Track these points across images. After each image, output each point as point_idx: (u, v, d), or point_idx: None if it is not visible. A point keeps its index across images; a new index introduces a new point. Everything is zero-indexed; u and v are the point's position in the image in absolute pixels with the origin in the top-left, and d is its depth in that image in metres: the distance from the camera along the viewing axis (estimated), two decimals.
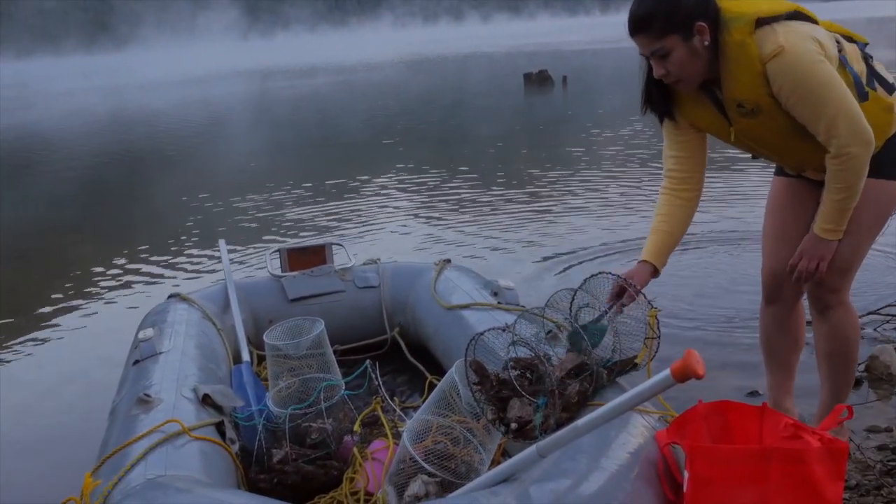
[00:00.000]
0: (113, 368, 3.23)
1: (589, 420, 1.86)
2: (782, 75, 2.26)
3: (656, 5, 2.30)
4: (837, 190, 2.34)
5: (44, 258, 6.98)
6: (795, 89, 2.26)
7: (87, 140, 16.76)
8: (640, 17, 2.32)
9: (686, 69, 2.34)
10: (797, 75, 2.25)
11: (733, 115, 2.42)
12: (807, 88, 2.26)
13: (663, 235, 2.62)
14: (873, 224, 2.49)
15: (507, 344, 2.32)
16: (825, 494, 1.88)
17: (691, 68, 2.34)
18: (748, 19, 2.28)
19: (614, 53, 31.27)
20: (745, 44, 2.28)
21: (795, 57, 2.25)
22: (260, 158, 12.38)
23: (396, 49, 57.95)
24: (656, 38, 2.30)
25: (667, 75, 2.36)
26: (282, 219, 7.49)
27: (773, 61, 2.25)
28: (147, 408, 2.43)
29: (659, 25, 2.29)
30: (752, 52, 2.28)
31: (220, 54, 70.65)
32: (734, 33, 2.29)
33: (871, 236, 2.53)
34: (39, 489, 2.98)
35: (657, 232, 2.63)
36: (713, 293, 4.50)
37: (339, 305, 3.77)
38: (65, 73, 54.82)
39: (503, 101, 18.78)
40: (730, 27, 2.30)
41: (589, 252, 5.54)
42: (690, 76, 2.36)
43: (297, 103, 22.83)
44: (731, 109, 2.41)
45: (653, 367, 2.34)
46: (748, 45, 2.28)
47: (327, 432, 2.63)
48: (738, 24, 2.29)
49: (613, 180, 8.14)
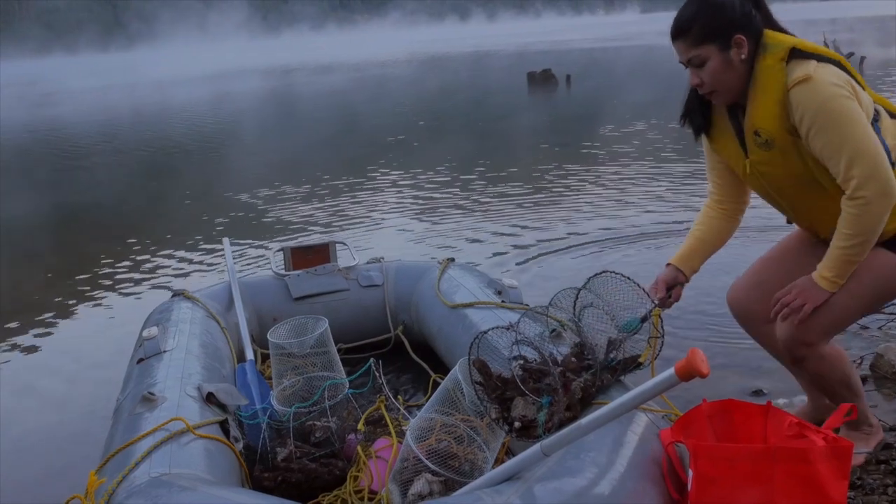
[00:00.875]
0: (117, 367, 3.24)
1: (593, 419, 1.86)
2: (805, 101, 2.20)
3: (699, 11, 2.32)
4: (846, 237, 2.24)
5: (48, 256, 6.99)
6: (816, 116, 2.19)
7: (99, 138, 16.80)
8: (682, 21, 2.34)
9: (720, 80, 2.34)
10: (820, 102, 2.19)
11: (750, 144, 2.39)
12: (829, 117, 2.19)
13: (694, 242, 2.64)
14: (872, 295, 2.38)
15: (510, 343, 2.32)
16: (830, 493, 1.87)
17: (726, 80, 2.33)
18: (785, 47, 2.28)
19: (619, 52, 31.25)
20: (774, 69, 2.27)
21: (821, 86, 2.20)
22: (265, 157, 12.40)
23: (402, 47, 57.99)
24: (693, 45, 2.33)
25: (701, 85, 2.37)
26: (286, 217, 7.49)
27: (798, 87, 2.22)
28: (151, 406, 2.43)
29: (698, 31, 2.31)
30: (778, 76, 2.25)
31: (229, 52, 70.76)
32: (768, 58, 2.29)
33: (866, 305, 2.42)
34: (44, 487, 2.99)
35: (689, 238, 2.67)
36: (718, 292, 4.46)
37: (343, 304, 3.78)
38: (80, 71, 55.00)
39: (507, 101, 18.77)
40: (766, 51, 2.29)
41: (593, 251, 5.53)
42: (724, 88, 2.35)
43: (306, 101, 22.85)
44: (749, 137, 2.38)
45: (657, 365, 2.33)
46: (777, 70, 2.26)
47: (331, 431, 2.64)
48: (775, 49, 2.29)
49: (618, 180, 8.13)
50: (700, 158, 9.10)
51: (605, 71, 25.88)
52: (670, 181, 7.76)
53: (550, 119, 14.78)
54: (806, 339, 2.38)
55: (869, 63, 18.62)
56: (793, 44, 2.27)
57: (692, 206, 6.59)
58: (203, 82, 34.44)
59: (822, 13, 61.11)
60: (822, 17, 46.90)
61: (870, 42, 25.10)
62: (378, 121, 16.47)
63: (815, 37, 22.97)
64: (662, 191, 7.35)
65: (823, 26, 30.09)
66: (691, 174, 7.97)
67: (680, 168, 8.33)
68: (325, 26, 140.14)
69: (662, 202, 6.87)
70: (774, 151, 2.33)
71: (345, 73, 34.74)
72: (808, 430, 1.99)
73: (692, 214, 6.25)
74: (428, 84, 26.38)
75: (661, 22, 48.47)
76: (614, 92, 18.49)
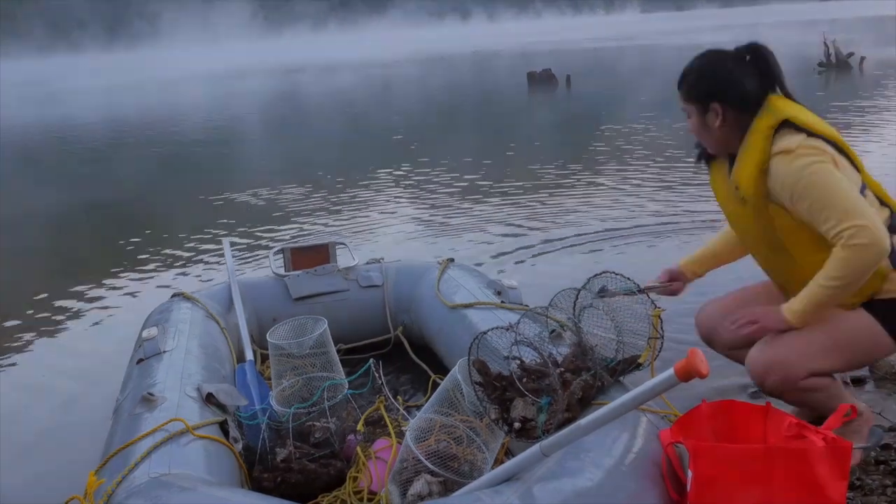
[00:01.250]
0: (117, 367, 3.23)
1: (592, 419, 1.86)
2: (783, 173, 2.29)
3: (690, 71, 2.50)
4: (830, 277, 2.26)
5: (47, 256, 6.99)
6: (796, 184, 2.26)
7: (99, 137, 16.80)
8: (682, 73, 2.53)
9: (699, 135, 2.53)
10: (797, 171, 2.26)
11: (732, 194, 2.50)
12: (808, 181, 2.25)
13: (706, 251, 2.84)
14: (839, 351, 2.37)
15: (510, 343, 2.32)
16: (829, 494, 1.87)
17: (703, 137, 2.53)
18: (778, 117, 2.35)
19: (619, 52, 31.25)
20: (763, 135, 2.35)
21: (799, 158, 2.26)
22: (264, 158, 12.39)
23: (400, 48, 57.98)
24: (682, 99, 2.53)
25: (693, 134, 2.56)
26: (285, 218, 7.49)
27: (778, 157, 2.30)
28: (151, 406, 2.44)
29: (686, 89, 2.50)
30: (763, 144, 2.34)
31: (229, 52, 70.77)
32: (760, 122, 2.38)
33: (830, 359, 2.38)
34: (43, 488, 2.98)
35: (705, 246, 2.86)
36: (719, 292, 4.48)
37: (343, 304, 3.78)
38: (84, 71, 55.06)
39: (507, 101, 18.77)
40: (762, 115, 2.38)
41: (593, 251, 5.53)
42: (711, 144, 2.53)
43: (305, 101, 22.85)
44: (731, 191, 2.49)
45: (656, 366, 2.33)
46: (764, 137, 2.35)
47: (331, 431, 2.64)
48: (769, 116, 2.37)
49: (618, 180, 8.13)
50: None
51: (604, 71, 25.89)
52: (670, 181, 7.76)
53: (550, 119, 14.78)
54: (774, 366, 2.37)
55: (868, 63, 18.63)
56: (787, 115, 2.34)
57: (692, 205, 6.60)
58: (202, 83, 34.43)
59: (823, 13, 61.14)
60: (823, 18, 46.91)
61: (869, 42, 25.11)
62: (377, 121, 16.47)
63: (815, 36, 23.04)
64: (662, 190, 7.35)
65: (823, 26, 30.11)
66: (691, 174, 7.97)
67: (680, 168, 8.33)
68: (326, 26, 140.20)
69: (662, 202, 6.87)
70: (748, 209, 2.43)
71: (345, 72, 34.73)
72: (807, 431, 1.99)
73: (692, 214, 6.28)
74: (427, 84, 26.38)
75: (661, 22, 48.31)
76: (614, 92, 18.50)
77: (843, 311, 2.39)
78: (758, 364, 2.40)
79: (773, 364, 2.37)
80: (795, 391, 2.39)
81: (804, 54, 21.31)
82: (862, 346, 2.42)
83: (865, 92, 14.33)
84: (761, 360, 2.39)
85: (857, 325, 2.39)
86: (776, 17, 66.10)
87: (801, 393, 2.40)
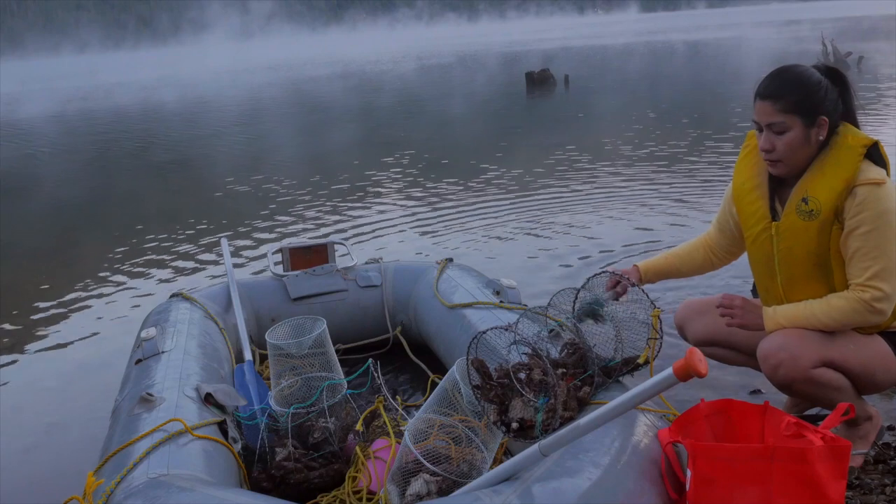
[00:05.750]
0: (115, 367, 3.23)
1: (591, 419, 1.85)
2: (871, 202, 2.26)
3: (796, 83, 2.35)
4: (828, 315, 2.32)
5: (46, 257, 6.98)
6: (875, 220, 2.26)
7: (99, 138, 16.79)
8: (777, 85, 2.36)
9: (793, 152, 2.36)
10: (882, 210, 2.26)
11: (789, 209, 2.40)
12: (882, 225, 2.25)
13: (664, 262, 2.79)
14: (854, 348, 2.38)
15: (509, 343, 2.32)
16: (828, 493, 1.87)
17: (799, 154, 2.37)
18: (868, 140, 2.32)
19: (619, 52, 31.24)
20: (855, 152, 2.31)
21: (889, 197, 2.27)
22: (263, 158, 12.38)
23: (399, 47, 57.95)
24: (780, 111, 2.34)
25: (771, 150, 2.38)
26: (284, 218, 7.49)
27: (867, 187, 2.27)
28: (149, 407, 2.43)
29: (790, 100, 2.33)
30: (856, 161, 2.30)
31: (225, 53, 70.74)
32: (850, 138, 2.33)
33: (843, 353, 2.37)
34: (42, 488, 2.98)
35: (667, 256, 2.81)
36: (717, 293, 4.48)
37: (342, 304, 3.78)
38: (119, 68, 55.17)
39: (505, 102, 18.77)
40: (847, 133, 2.34)
41: (592, 251, 5.53)
42: (792, 162, 2.38)
43: (305, 101, 22.85)
44: (793, 202, 2.39)
45: (655, 366, 2.33)
46: (857, 154, 2.30)
47: (329, 431, 2.63)
48: (852, 136, 2.33)
49: (616, 180, 8.12)
50: (700, 156, 9.07)
51: (603, 71, 25.89)
52: (669, 181, 7.75)
53: (548, 119, 14.76)
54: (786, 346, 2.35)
55: (867, 63, 18.63)
56: (874, 141, 2.33)
57: (691, 205, 6.60)
58: (198, 84, 34.43)
59: (823, 13, 61.11)
60: (824, 17, 46.91)
61: (868, 42, 25.10)
62: (375, 120, 16.45)
63: (815, 37, 23.03)
64: (662, 190, 7.35)
65: (823, 25, 30.11)
66: (690, 174, 7.97)
67: (679, 168, 8.33)
68: (327, 25, 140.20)
69: (662, 202, 6.86)
70: (813, 223, 2.35)
71: (339, 74, 34.72)
72: (806, 430, 1.99)
73: (690, 213, 6.29)
74: (425, 84, 26.36)
75: (660, 21, 48.21)
76: (613, 92, 18.49)
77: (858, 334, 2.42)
78: (772, 345, 2.36)
79: (785, 345, 2.34)
80: (806, 381, 2.34)
81: (804, 54, 21.32)
82: (875, 363, 2.40)
83: (865, 92, 14.32)
84: (775, 341, 2.37)
85: (874, 345, 2.41)
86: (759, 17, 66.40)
87: (813, 386, 2.35)
